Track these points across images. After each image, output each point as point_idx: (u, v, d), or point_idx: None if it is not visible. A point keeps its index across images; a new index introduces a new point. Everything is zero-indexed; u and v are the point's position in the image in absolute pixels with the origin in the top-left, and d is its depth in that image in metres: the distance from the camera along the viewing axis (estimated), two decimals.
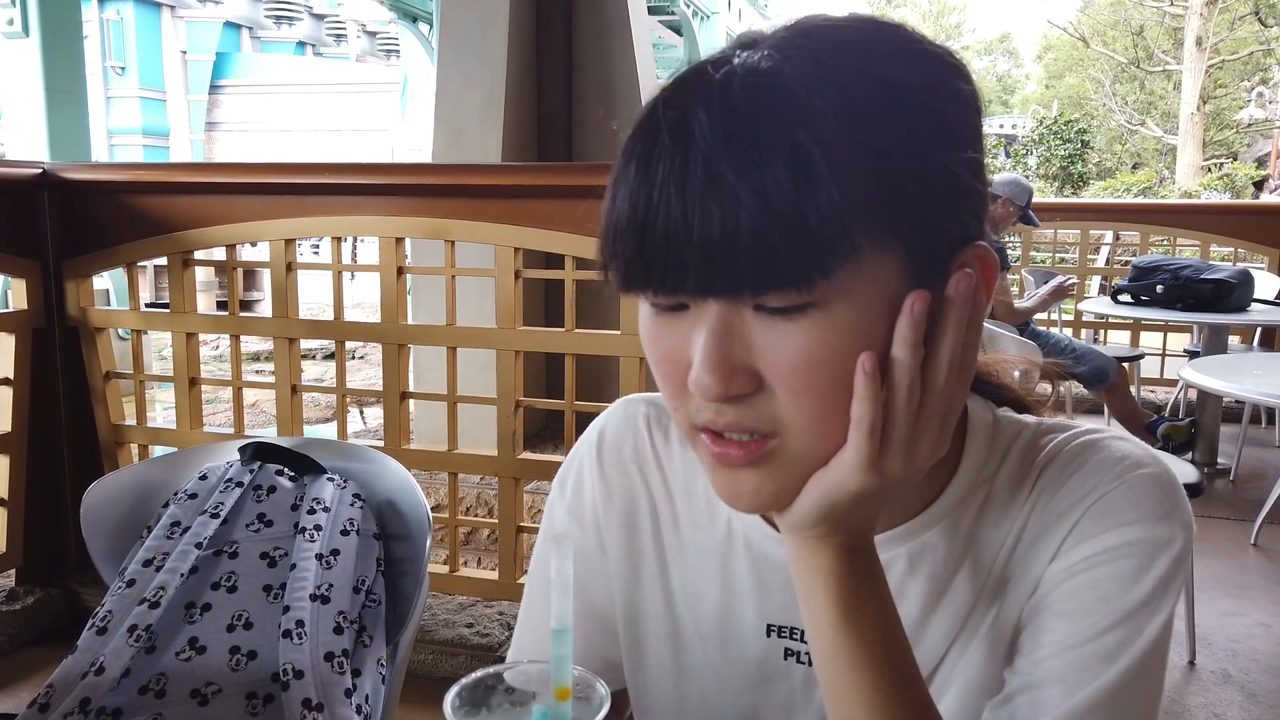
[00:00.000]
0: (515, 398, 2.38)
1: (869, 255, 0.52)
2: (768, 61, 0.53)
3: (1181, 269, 4.02)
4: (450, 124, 3.85)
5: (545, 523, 0.81)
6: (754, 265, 0.51)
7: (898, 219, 0.53)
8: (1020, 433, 0.68)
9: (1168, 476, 0.63)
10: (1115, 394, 4.14)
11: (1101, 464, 0.64)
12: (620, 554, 0.76)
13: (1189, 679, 2.48)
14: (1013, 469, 0.66)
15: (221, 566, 1.01)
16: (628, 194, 0.54)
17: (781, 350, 0.53)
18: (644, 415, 0.77)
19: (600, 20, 4.12)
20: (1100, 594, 0.60)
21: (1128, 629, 0.60)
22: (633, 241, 0.54)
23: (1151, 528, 0.61)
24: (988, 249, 0.57)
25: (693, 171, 0.51)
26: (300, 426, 2.59)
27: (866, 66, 0.53)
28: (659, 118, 0.54)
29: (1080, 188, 18.41)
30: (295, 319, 2.53)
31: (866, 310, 0.53)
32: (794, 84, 0.51)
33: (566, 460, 0.80)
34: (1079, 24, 26.92)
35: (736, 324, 0.54)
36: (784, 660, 0.71)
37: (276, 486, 1.09)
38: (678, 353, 0.56)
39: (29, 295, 2.56)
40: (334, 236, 2.52)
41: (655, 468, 0.75)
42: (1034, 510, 0.65)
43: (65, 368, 2.65)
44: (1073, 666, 0.59)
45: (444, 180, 2.54)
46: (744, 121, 0.51)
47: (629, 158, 0.55)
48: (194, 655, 0.94)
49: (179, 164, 11.21)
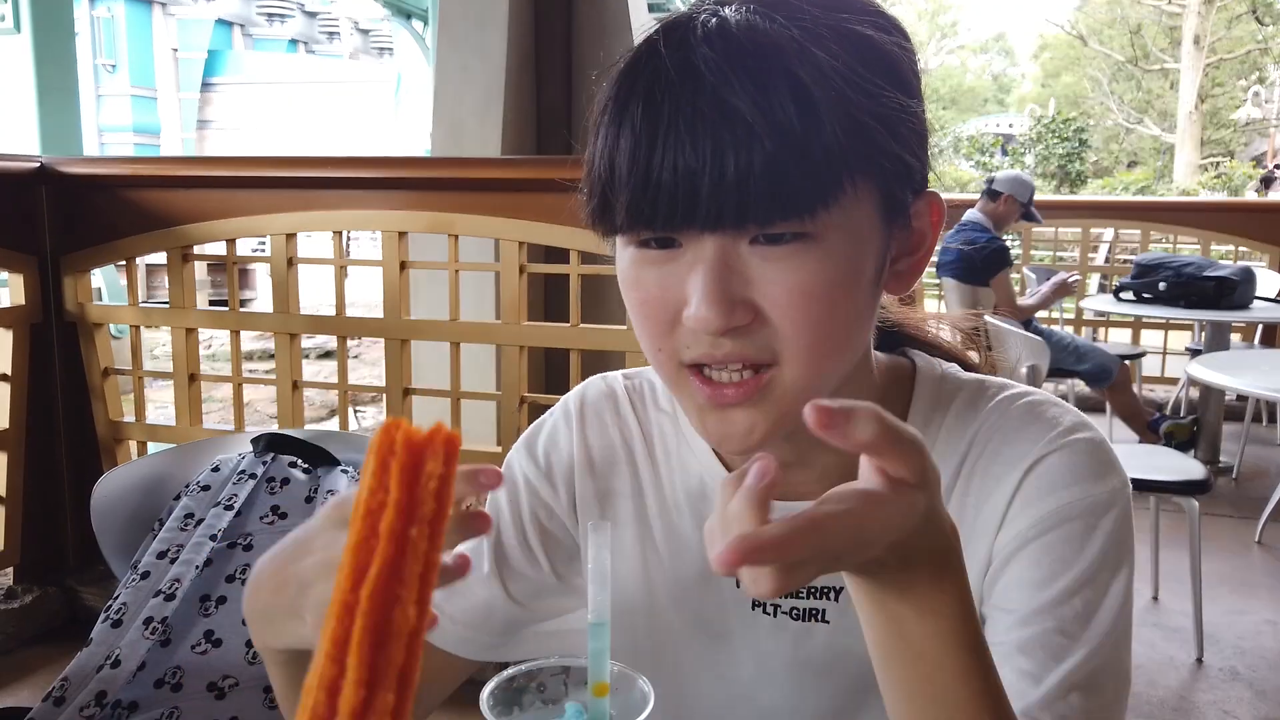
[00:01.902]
0: (520, 393, 2.36)
1: (853, 193, 0.56)
2: (752, 14, 0.56)
3: (1184, 266, 4.02)
4: (449, 120, 3.82)
5: (505, 486, 0.79)
6: (764, 196, 0.54)
7: (876, 159, 0.57)
8: (961, 388, 0.71)
9: (1100, 439, 0.67)
10: (1118, 392, 4.14)
11: (1039, 429, 0.66)
12: (594, 513, 0.77)
13: (1197, 677, 2.47)
14: (953, 422, 0.69)
15: (236, 559, 0.99)
16: (630, 131, 0.55)
17: (779, 281, 0.56)
18: (622, 385, 0.80)
19: (600, 15, 4.10)
20: (1056, 556, 0.63)
21: (1092, 590, 0.62)
22: (638, 178, 0.55)
23: (1091, 488, 0.64)
24: (938, 196, 0.63)
25: (703, 105, 0.53)
26: (301, 423, 2.56)
27: (836, 22, 0.57)
28: (658, 55, 0.56)
29: (1078, 186, 18.45)
30: (296, 314, 2.51)
31: (854, 243, 0.58)
32: (781, 33, 0.55)
33: (531, 429, 0.81)
34: (1076, 23, 27.00)
35: (734, 258, 0.56)
36: (751, 611, 0.73)
37: (290, 478, 1.07)
38: (668, 292, 0.58)
39: (26, 290, 2.52)
40: (335, 231, 2.49)
41: (638, 432, 0.78)
42: (975, 467, 0.67)
43: (63, 364, 2.62)
44: (1047, 635, 0.61)
45: (447, 174, 2.51)
46: (749, 58, 0.54)
47: (626, 95, 0.56)
48: (210, 648, 0.92)
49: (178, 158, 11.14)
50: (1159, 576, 2.91)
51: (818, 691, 0.73)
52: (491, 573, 0.77)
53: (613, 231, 0.60)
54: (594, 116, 0.60)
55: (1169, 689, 2.40)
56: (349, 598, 0.30)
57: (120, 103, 19.65)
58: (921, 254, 0.65)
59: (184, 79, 20.76)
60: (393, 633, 0.29)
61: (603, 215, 0.59)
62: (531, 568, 0.77)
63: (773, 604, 0.72)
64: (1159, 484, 2.54)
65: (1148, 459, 2.75)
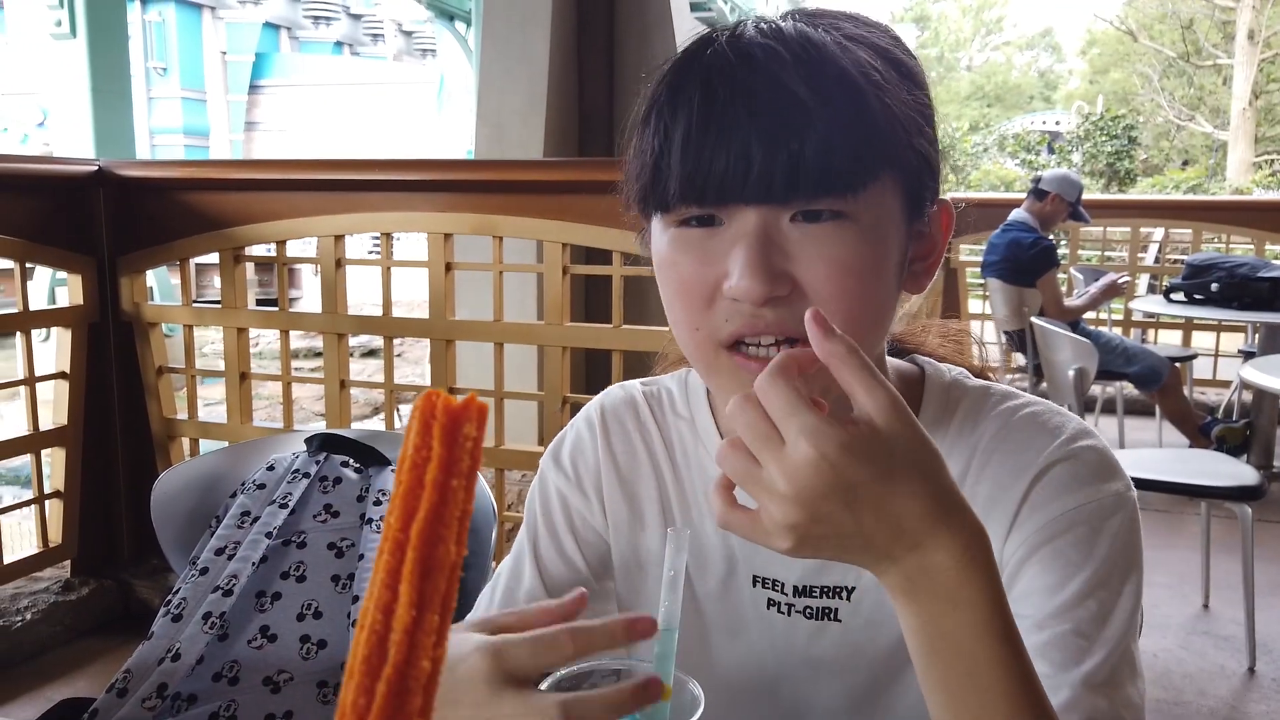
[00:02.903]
0: (563, 394, 2.38)
1: (887, 182, 0.61)
2: (798, 22, 0.62)
3: (1237, 267, 3.93)
4: (492, 122, 3.86)
5: (539, 499, 0.82)
6: (813, 171, 0.57)
7: (908, 153, 0.62)
8: (966, 394, 0.73)
9: (1103, 447, 0.69)
10: (1168, 395, 4.06)
11: (1044, 439, 0.68)
12: (623, 519, 0.80)
13: (1249, 686, 2.42)
14: (958, 429, 0.71)
15: (290, 556, 1.01)
16: (686, 112, 0.59)
17: (819, 256, 0.59)
18: (641, 392, 0.83)
19: (642, 17, 4.11)
20: (1066, 561, 0.65)
21: (1106, 591, 0.64)
22: (692, 153, 0.59)
23: (1096, 493, 0.66)
24: (949, 204, 0.68)
25: (759, 87, 0.58)
26: (349, 422, 2.60)
27: (867, 36, 0.63)
28: (715, 44, 0.60)
29: (1127, 185, 18.11)
30: (344, 315, 2.55)
31: (885, 225, 0.62)
32: (824, 35, 0.61)
33: (555, 442, 0.84)
34: (1125, 18, 26.49)
35: (775, 232, 0.59)
36: (766, 610, 0.75)
37: (342, 478, 1.09)
38: (707, 269, 0.61)
39: (84, 290, 2.59)
40: (382, 232, 2.53)
41: (659, 438, 0.80)
42: (982, 475, 0.69)
43: (119, 362, 2.69)
44: (1064, 638, 0.62)
45: (491, 176, 2.54)
46: (801, 49, 0.59)
47: (682, 81, 0.60)
48: (265, 643, 0.94)
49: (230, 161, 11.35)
50: (1210, 584, 2.86)
51: (832, 688, 0.75)
52: (537, 586, 0.79)
53: (661, 208, 0.62)
54: (645, 104, 0.63)
55: (1220, 699, 2.35)
56: (400, 535, 0.35)
57: (171, 105, 20.07)
58: (933, 258, 0.69)
59: (232, 81, 21.14)
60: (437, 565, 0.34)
61: (652, 192, 0.62)
62: (570, 572, 0.80)
63: (787, 603, 0.74)
64: (1211, 489, 2.49)
65: (1198, 464, 2.70)
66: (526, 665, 0.54)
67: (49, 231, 2.51)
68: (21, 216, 2.44)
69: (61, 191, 2.57)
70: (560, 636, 0.54)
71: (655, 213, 0.63)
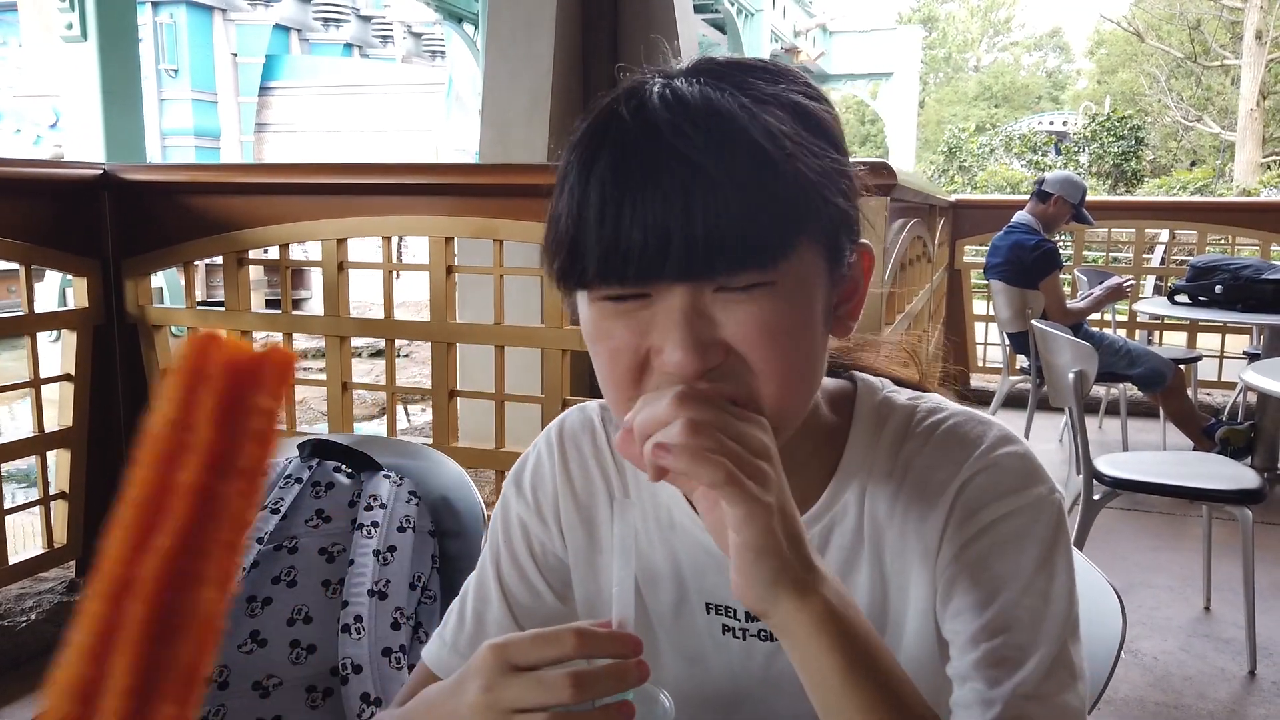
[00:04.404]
0: (563, 396, 2.39)
1: (806, 242, 0.61)
2: (699, 83, 0.61)
3: (1241, 269, 3.92)
4: (497, 123, 3.88)
5: (500, 523, 0.83)
6: (732, 248, 0.57)
7: (824, 212, 0.61)
8: (894, 411, 0.74)
9: (1024, 451, 0.69)
10: (1172, 397, 4.05)
11: (963, 451, 0.69)
12: (580, 545, 0.80)
13: (1249, 690, 2.41)
14: (887, 447, 0.72)
15: (281, 561, 1.03)
16: (598, 189, 0.58)
17: (746, 322, 0.60)
18: (598, 415, 0.83)
19: (647, 19, 4.12)
20: (993, 574, 0.65)
21: (1032, 598, 0.64)
22: (608, 233, 0.58)
23: (1017, 500, 0.67)
24: (869, 246, 0.68)
25: (667, 162, 0.57)
26: (351, 423, 2.62)
27: (777, 92, 0.62)
28: (620, 118, 0.59)
29: (1134, 186, 18.03)
30: (346, 317, 2.56)
31: (806, 288, 0.62)
32: (731, 101, 0.60)
33: (518, 464, 0.84)
34: (1133, 18, 26.38)
35: (701, 304, 0.59)
36: (722, 636, 0.76)
37: (334, 483, 1.11)
38: (638, 340, 0.61)
39: (89, 293, 2.61)
40: (384, 236, 2.55)
41: (613, 462, 0.80)
42: (910, 493, 0.70)
43: (124, 364, 2.71)
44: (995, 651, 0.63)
45: (492, 180, 2.55)
46: (706, 122, 0.58)
47: (592, 155, 0.60)
48: (255, 648, 0.96)
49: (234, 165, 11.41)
50: (1211, 587, 2.85)
51: (792, 706, 0.75)
52: (503, 613, 0.80)
53: (582, 286, 0.62)
54: (560, 173, 0.63)
55: (1219, 702, 2.35)
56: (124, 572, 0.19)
57: (181, 107, 20.14)
58: (856, 300, 0.69)
59: (243, 83, 21.21)
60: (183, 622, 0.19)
61: (571, 270, 0.61)
62: (534, 599, 0.81)
63: (741, 628, 0.75)
64: (1211, 493, 2.49)
65: (1199, 467, 2.69)
66: (529, 658, 0.57)
67: (54, 235, 2.53)
68: (27, 220, 2.46)
69: (67, 195, 2.59)
70: (564, 633, 0.57)
71: (576, 289, 0.63)
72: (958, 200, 5.73)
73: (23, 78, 18.84)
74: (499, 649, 0.57)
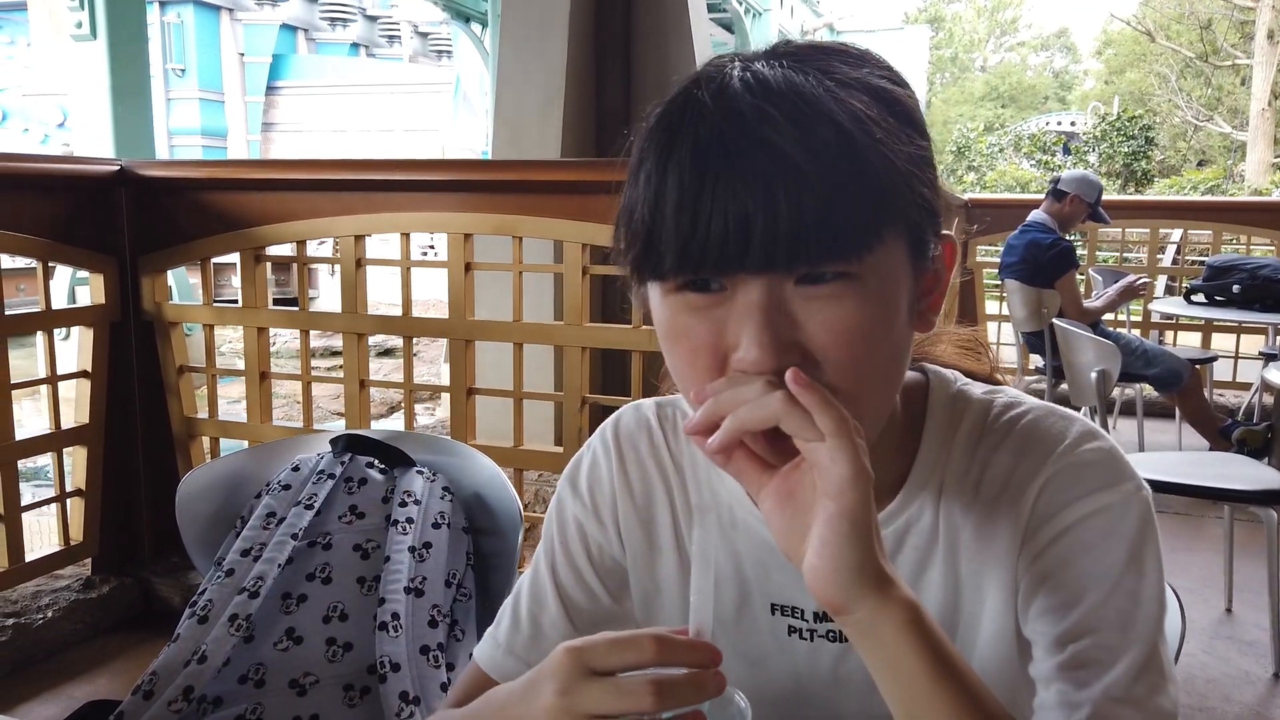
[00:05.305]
0: (582, 394, 2.38)
1: (891, 234, 0.58)
2: (781, 66, 0.58)
3: (1259, 269, 3.90)
4: (510, 122, 3.86)
5: (556, 524, 0.82)
6: (815, 238, 0.55)
7: (910, 202, 0.59)
8: (970, 405, 0.72)
9: (1109, 447, 0.67)
10: (1188, 397, 4.03)
11: (1046, 446, 0.67)
12: (638, 546, 0.79)
13: (1274, 692, 2.39)
14: (964, 442, 0.70)
15: (316, 558, 1.01)
16: (677, 176, 0.56)
17: (827, 322, 0.57)
18: (654, 414, 0.81)
19: (660, 19, 4.10)
20: (1080, 572, 0.63)
21: (1122, 598, 0.62)
22: (687, 222, 0.56)
23: (1104, 497, 0.64)
24: (952, 238, 0.66)
25: (750, 149, 0.55)
26: (368, 422, 2.61)
27: (861, 75, 0.60)
28: (700, 102, 0.57)
29: (1144, 186, 17.97)
30: (364, 315, 2.55)
31: (892, 281, 0.59)
32: (815, 85, 0.57)
33: (572, 464, 0.83)
34: (1142, 18, 26.30)
35: (781, 299, 0.57)
36: (788, 637, 0.75)
37: (367, 479, 1.09)
38: (714, 338, 0.59)
39: (106, 290, 2.60)
40: (402, 233, 2.54)
41: (670, 462, 0.79)
42: (989, 490, 0.68)
43: (140, 361, 2.70)
44: (1084, 652, 0.61)
45: (510, 176, 2.54)
46: (791, 104, 0.56)
47: (669, 140, 0.57)
48: (291, 645, 0.94)
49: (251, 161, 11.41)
50: (1233, 588, 2.83)
51: (862, 704, 0.74)
52: (560, 614, 0.79)
53: (657, 277, 0.60)
54: (635, 160, 0.60)
55: (1244, 704, 2.33)
56: None
57: (189, 106, 20.17)
58: (938, 294, 0.66)
59: (250, 83, 21.23)
60: None
61: (646, 261, 0.59)
62: (591, 601, 0.80)
63: (809, 629, 0.74)
64: (1236, 493, 2.47)
65: (1220, 467, 2.67)
66: (607, 662, 0.55)
67: (71, 231, 2.53)
68: (44, 216, 2.45)
69: (84, 191, 2.58)
70: (643, 639, 0.55)
71: (651, 280, 0.61)
72: (970, 199, 5.71)
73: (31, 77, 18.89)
74: (576, 652, 0.55)
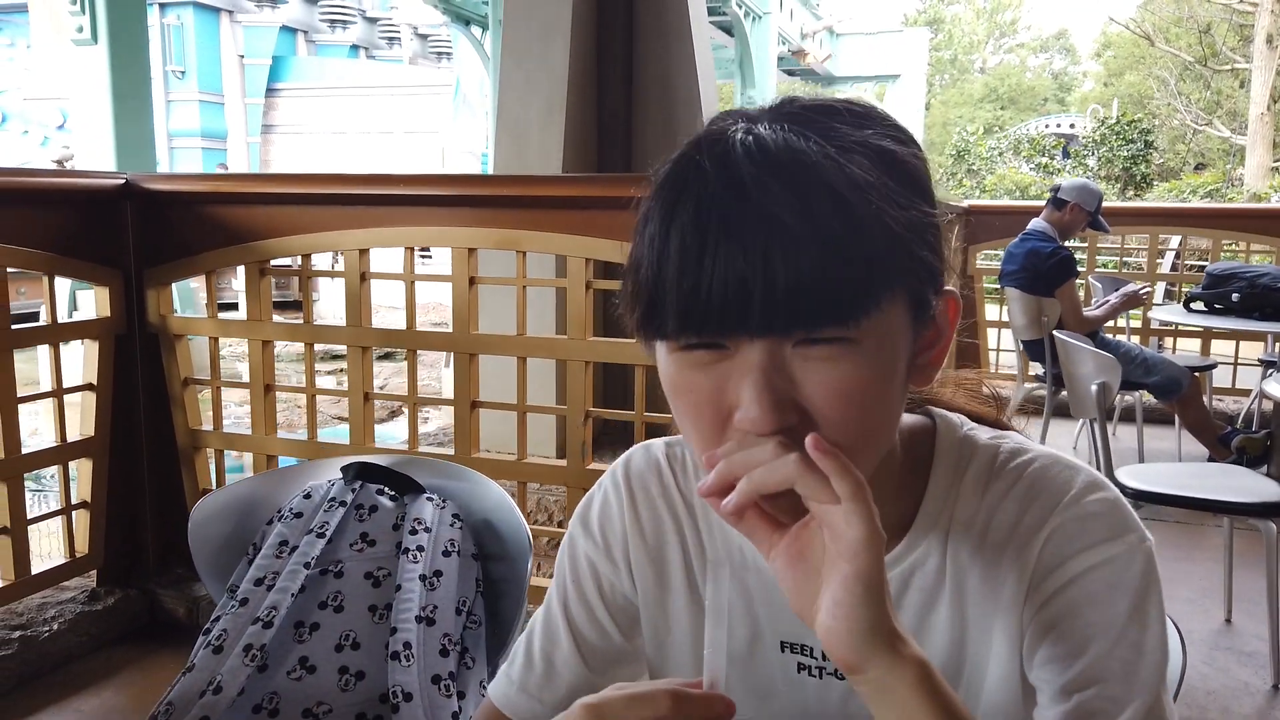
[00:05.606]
0: (585, 408, 2.39)
1: (890, 297, 0.59)
2: (787, 132, 0.60)
3: (1258, 277, 3.91)
4: (512, 129, 3.88)
5: (569, 563, 0.83)
6: (813, 304, 0.57)
7: (909, 266, 0.60)
8: (977, 452, 0.73)
9: (1114, 497, 0.68)
10: (1188, 405, 4.04)
11: (1051, 496, 0.68)
12: (649, 585, 0.81)
13: (1274, 704, 2.41)
14: (969, 490, 0.71)
15: (328, 586, 1.03)
16: (679, 240, 0.58)
17: (823, 382, 0.59)
18: (664, 454, 0.82)
19: (661, 24, 4.12)
20: (1085, 622, 0.65)
21: (1125, 648, 0.64)
22: (688, 286, 0.58)
23: (1109, 549, 0.66)
24: (955, 294, 0.66)
25: (750, 216, 0.56)
26: (372, 433, 2.62)
27: (863, 138, 0.61)
28: (702, 170, 0.59)
29: (1143, 190, 17.97)
30: (369, 328, 2.56)
31: (888, 344, 0.60)
32: (816, 150, 0.58)
33: (583, 503, 0.84)
34: (1141, 21, 26.32)
35: (780, 360, 0.59)
36: (797, 674, 0.76)
37: (378, 506, 1.11)
38: (718, 395, 0.60)
39: (111, 302, 2.62)
40: (406, 247, 2.55)
41: (681, 502, 0.80)
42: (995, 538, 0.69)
43: (145, 373, 2.71)
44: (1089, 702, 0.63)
45: (514, 191, 2.55)
46: (789, 172, 0.57)
47: (673, 205, 0.59)
48: (304, 674, 0.96)
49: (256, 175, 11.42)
50: (1233, 599, 2.84)
51: None
52: (572, 651, 0.81)
53: (661, 336, 0.62)
54: (639, 220, 0.62)
55: (1244, 716, 2.34)
56: None
57: (189, 108, 20.18)
58: (939, 349, 0.68)
59: (250, 85, 21.24)
60: None
61: (651, 323, 0.61)
62: (603, 639, 0.82)
63: (818, 667, 0.75)
64: (1235, 505, 2.48)
65: (1219, 478, 2.68)
66: (624, 718, 0.56)
67: (77, 244, 2.54)
68: (50, 230, 2.47)
69: (89, 205, 2.59)
70: (658, 694, 0.56)
71: (656, 339, 0.63)
72: (971, 206, 5.72)
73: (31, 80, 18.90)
74: (594, 709, 0.56)
